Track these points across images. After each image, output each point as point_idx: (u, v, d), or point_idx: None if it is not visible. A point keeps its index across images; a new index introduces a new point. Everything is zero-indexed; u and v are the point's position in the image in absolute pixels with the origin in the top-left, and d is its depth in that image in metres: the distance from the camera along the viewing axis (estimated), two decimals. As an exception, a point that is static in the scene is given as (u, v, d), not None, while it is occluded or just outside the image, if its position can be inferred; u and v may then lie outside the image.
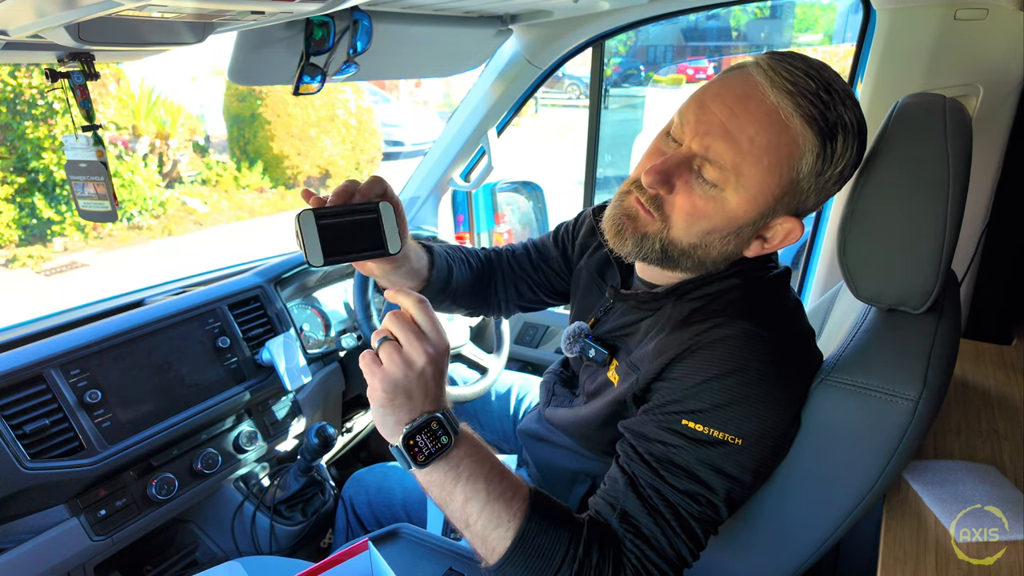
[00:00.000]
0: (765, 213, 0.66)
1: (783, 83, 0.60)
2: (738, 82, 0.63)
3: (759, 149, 0.61)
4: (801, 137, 0.61)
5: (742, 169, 0.62)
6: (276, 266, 1.39)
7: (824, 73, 0.62)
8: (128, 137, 6.35)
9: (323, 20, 0.99)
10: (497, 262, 1.04)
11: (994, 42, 1.11)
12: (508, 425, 1.33)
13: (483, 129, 1.70)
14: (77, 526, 0.99)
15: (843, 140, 0.62)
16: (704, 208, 0.65)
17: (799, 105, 0.60)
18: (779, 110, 0.60)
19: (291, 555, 1.25)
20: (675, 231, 0.67)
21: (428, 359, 0.60)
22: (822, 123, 0.61)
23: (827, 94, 0.61)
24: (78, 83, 0.83)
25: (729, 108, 0.62)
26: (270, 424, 1.29)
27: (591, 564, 0.60)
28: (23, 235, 5.40)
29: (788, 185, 0.64)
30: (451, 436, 0.61)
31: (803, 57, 0.63)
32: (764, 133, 0.61)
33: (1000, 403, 1.02)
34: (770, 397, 0.63)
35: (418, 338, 0.60)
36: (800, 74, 0.60)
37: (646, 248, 0.69)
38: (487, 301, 1.03)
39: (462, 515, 0.62)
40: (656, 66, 11.60)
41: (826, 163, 0.63)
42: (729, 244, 0.68)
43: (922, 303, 0.68)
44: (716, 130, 0.62)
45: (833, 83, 0.62)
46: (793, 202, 0.66)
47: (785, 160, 0.62)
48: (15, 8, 0.54)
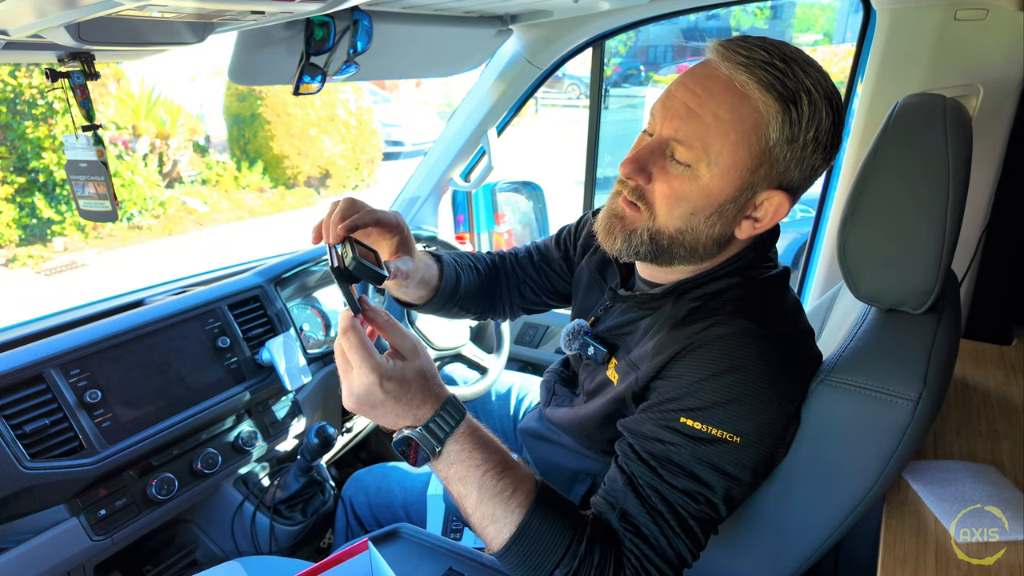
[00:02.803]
0: (743, 188, 0.66)
1: (736, 57, 0.62)
2: (699, 68, 0.66)
3: (724, 123, 0.63)
4: (762, 104, 0.62)
5: (710, 145, 0.63)
6: (276, 266, 1.38)
7: (781, 47, 0.64)
8: (128, 137, 6.36)
9: (323, 20, 0.99)
10: (502, 266, 1.05)
11: (994, 42, 1.11)
12: (508, 425, 1.33)
13: (483, 129, 1.70)
14: (77, 526, 0.99)
15: (808, 103, 0.62)
16: (681, 189, 0.66)
17: (753, 74, 0.62)
18: (735, 81, 0.62)
19: (291, 555, 1.25)
20: (660, 219, 0.68)
21: (377, 380, 0.59)
22: (781, 88, 0.62)
23: (783, 63, 0.62)
24: (78, 83, 0.83)
25: (691, 90, 0.64)
26: (270, 424, 1.29)
27: (592, 562, 0.61)
28: (23, 235, 5.40)
29: (761, 155, 0.64)
30: (433, 450, 0.62)
31: (761, 37, 0.65)
32: (726, 107, 0.62)
33: (1000, 403, 1.02)
34: (769, 395, 0.64)
35: (364, 361, 0.59)
36: (755, 48, 0.63)
37: (635, 243, 0.70)
38: (493, 305, 1.04)
39: (461, 508, 0.64)
40: (656, 66, 11.61)
41: (795, 128, 0.63)
42: (715, 225, 0.68)
43: (922, 303, 0.68)
44: (681, 112, 0.64)
45: (790, 55, 0.63)
46: (772, 173, 0.65)
47: (751, 130, 0.63)
48: (15, 8, 0.55)
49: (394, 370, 0.60)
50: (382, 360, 0.60)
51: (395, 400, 0.60)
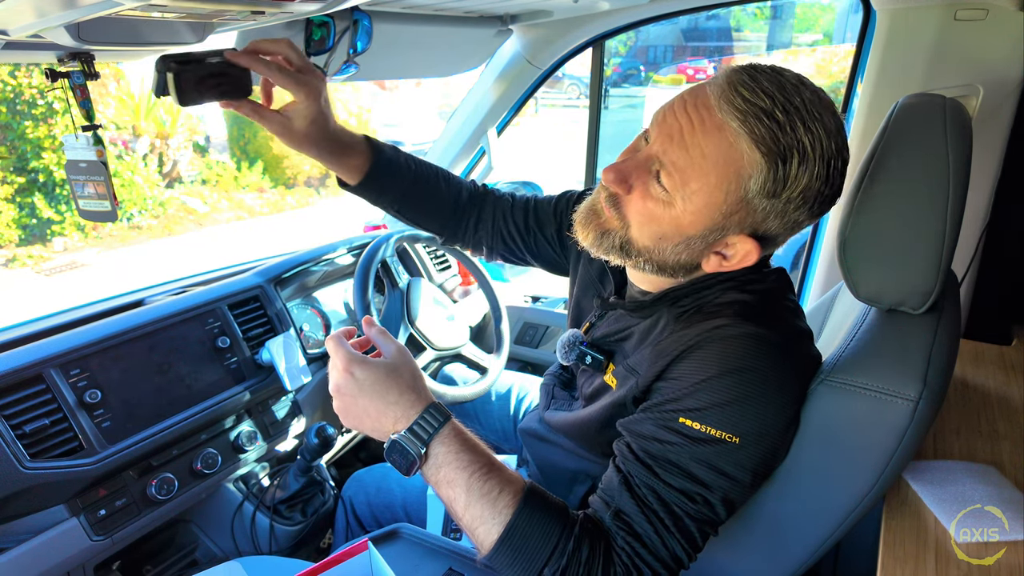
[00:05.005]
0: (713, 228, 0.65)
1: (736, 100, 0.59)
2: (703, 93, 0.63)
3: (708, 163, 0.61)
4: (747, 157, 0.60)
5: (689, 181, 0.63)
6: (276, 266, 1.38)
7: (792, 95, 0.59)
8: (128, 137, 6.36)
9: (323, 20, 0.99)
10: (485, 201, 1.03)
11: (994, 42, 1.11)
12: (508, 425, 1.34)
13: (483, 129, 1.70)
14: (77, 526, 0.99)
15: (797, 164, 0.59)
16: (654, 212, 0.66)
17: (746, 124, 0.59)
18: (723, 127, 0.60)
19: (291, 555, 1.25)
20: (632, 231, 0.69)
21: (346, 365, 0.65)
22: (772, 144, 0.59)
23: (784, 114, 0.59)
24: (78, 83, 0.83)
25: (688, 117, 0.62)
26: (270, 424, 1.29)
27: (580, 560, 0.61)
28: (23, 235, 5.40)
29: (737, 203, 0.63)
30: (420, 453, 0.63)
31: (777, 73, 0.61)
32: (714, 148, 0.61)
33: (1000, 403, 1.02)
34: (768, 396, 0.64)
35: (336, 352, 0.66)
36: (760, 93, 0.59)
37: (606, 244, 0.71)
38: (456, 232, 1.02)
39: (452, 512, 0.65)
40: (656, 66, 11.62)
41: (778, 185, 0.60)
42: (681, 254, 0.68)
43: (922, 303, 0.68)
44: (675, 136, 0.63)
45: (798, 106, 0.59)
46: (747, 220, 0.64)
47: (733, 177, 0.61)
48: (15, 8, 0.54)
49: (366, 361, 0.66)
50: (355, 352, 0.67)
51: (371, 393, 0.64)
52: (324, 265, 1.49)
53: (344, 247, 1.54)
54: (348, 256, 1.54)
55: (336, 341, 0.67)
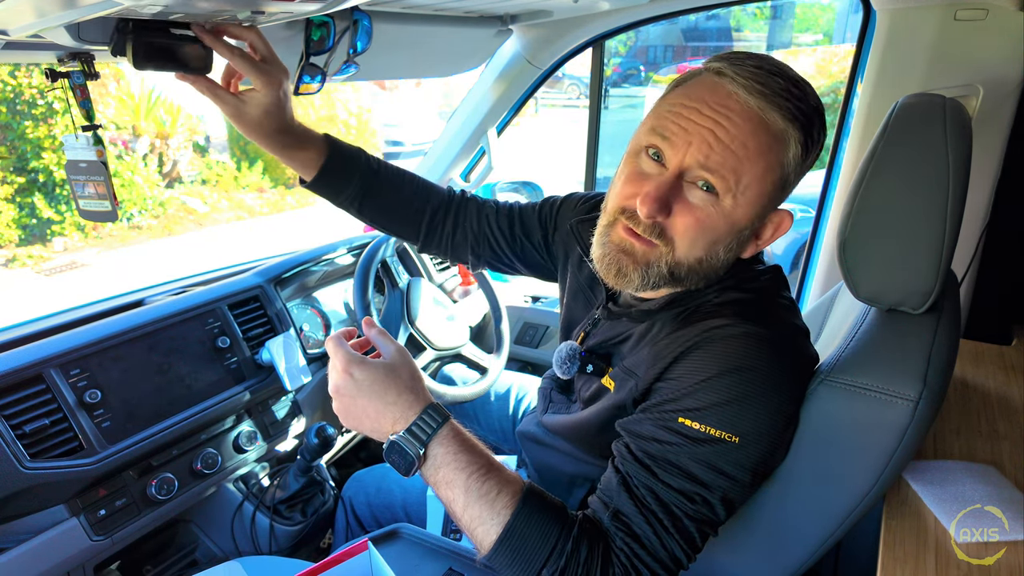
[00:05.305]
0: (763, 213, 0.68)
1: (754, 86, 0.62)
2: (708, 91, 0.64)
3: (754, 153, 0.63)
4: (785, 133, 0.63)
5: (741, 175, 0.63)
6: (276, 266, 1.39)
7: (781, 67, 0.65)
8: (128, 137, 6.35)
9: (323, 20, 0.99)
10: (465, 206, 1.03)
11: (994, 42, 1.11)
12: (508, 425, 1.33)
13: (483, 129, 1.70)
14: (77, 526, 0.99)
15: (819, 124, 0.65)
16: (706, 220, 0.65)
17: (778, 104, 0.62)
18: (760, 113, 0.62)
19: (291, 555, 1.25)
20: (680, 251, 0.66)
21: (344, 366, 0.66)
22: (801, 117, 0.63)
23: (797, 87, 0.64)
24: (78, 83, 0.83)
25: (712, 118, 0.62)
26: (270, 424, 1.29)
27: (578, 560, 0.61)
28: (23, 235, 5.40)
29: (781, 180, 0.66)
30: (418, 454, 0.63)
31: (758, 56, 0.65)
32: (753, 138, 0.62)
33: (1000, 403, 1.02)
34: (768, 396, 0.64)
35: (335, 352, 0.67)
36: (771, 75, 0.63)
37: (653, 276, 0.68)
38: (432, 237, 1.02)
39: (452, 513, 0.65)
40: (656, 66, 11.61)
41: (809, 150, 0.66)
42: (732, 251, 0.69)
43: (922, 303, 0.68)
44: (710, 140, 0.62)
45: (791, 74, 0.65)
46: (784, 194, 0.69)
47: (776, 159, 0.64)
48: (15, 8, 0.54)
49: (364, 362, 0.66)
50: (354, 353, 0.67)
51: (369, 394, 0.65)
52: (324, 265, 1.49)
53: (344, 247, 1.54)
54: (348, 256, 1.54)
55: (335, 342, 0.68)
